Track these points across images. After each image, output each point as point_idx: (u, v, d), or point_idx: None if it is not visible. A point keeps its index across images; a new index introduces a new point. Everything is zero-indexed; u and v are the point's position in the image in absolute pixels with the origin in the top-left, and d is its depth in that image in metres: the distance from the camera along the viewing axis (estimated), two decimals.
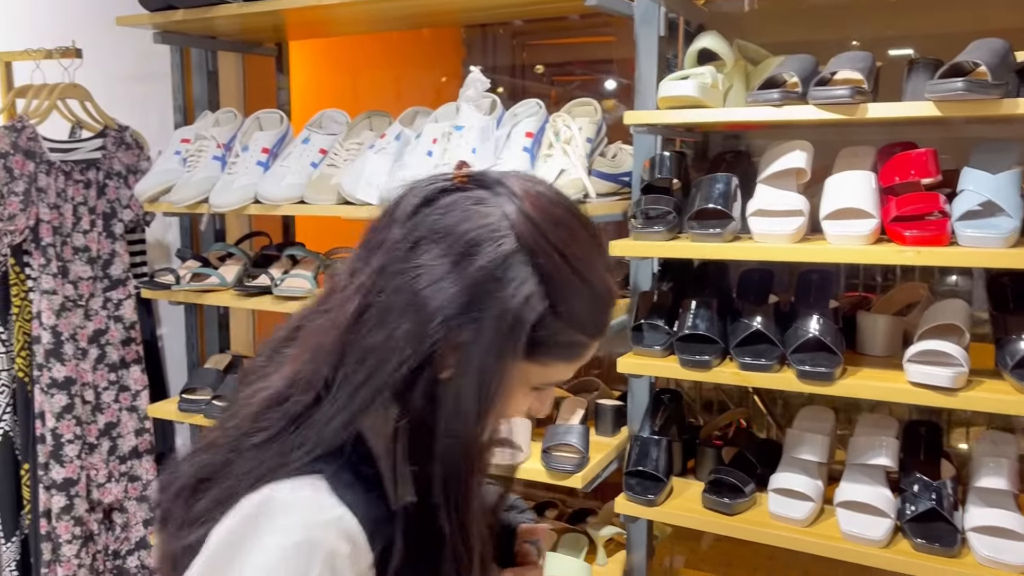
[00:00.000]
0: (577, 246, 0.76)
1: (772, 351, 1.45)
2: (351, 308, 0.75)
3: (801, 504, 1.48)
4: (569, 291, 0.75)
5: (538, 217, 0.74)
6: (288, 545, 0.71)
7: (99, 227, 2.12)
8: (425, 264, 0.73)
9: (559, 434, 1.67)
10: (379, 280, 0.74)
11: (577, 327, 0.76)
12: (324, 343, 0.76)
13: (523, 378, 0.78)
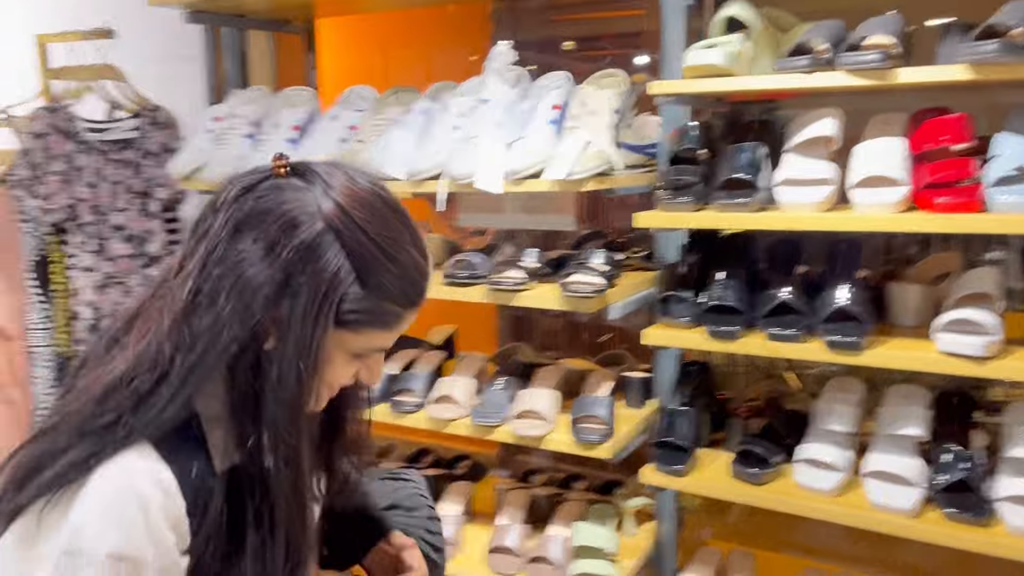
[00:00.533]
0: (382, 226, 0.83)
1: (799, 321, 1.44)
2: (183, 292, 0.81)
3: (828, 474, 1.48)
4: (375, 266, 0.82)
5: (346, 201, 0.82)
6: (108, 490, 0.78)
7: (136, 206, 2.16)
8: (245, 248, 0.80)
9: (586, 406, 1.68)
10: (207, 265, 0.81)
11: (386, 298, 0.83)
12: (162, 326, 0.81)
13: (341, 345, 0.85)
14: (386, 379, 1.86)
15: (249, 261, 0.80)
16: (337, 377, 0.89)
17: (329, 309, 0.81)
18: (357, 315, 0.82)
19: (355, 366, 0.89)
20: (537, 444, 1.67)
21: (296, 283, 0.80)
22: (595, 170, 1.51)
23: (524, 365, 1.91)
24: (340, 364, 0.87)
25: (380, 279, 0.82)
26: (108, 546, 0.77)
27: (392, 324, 0.86)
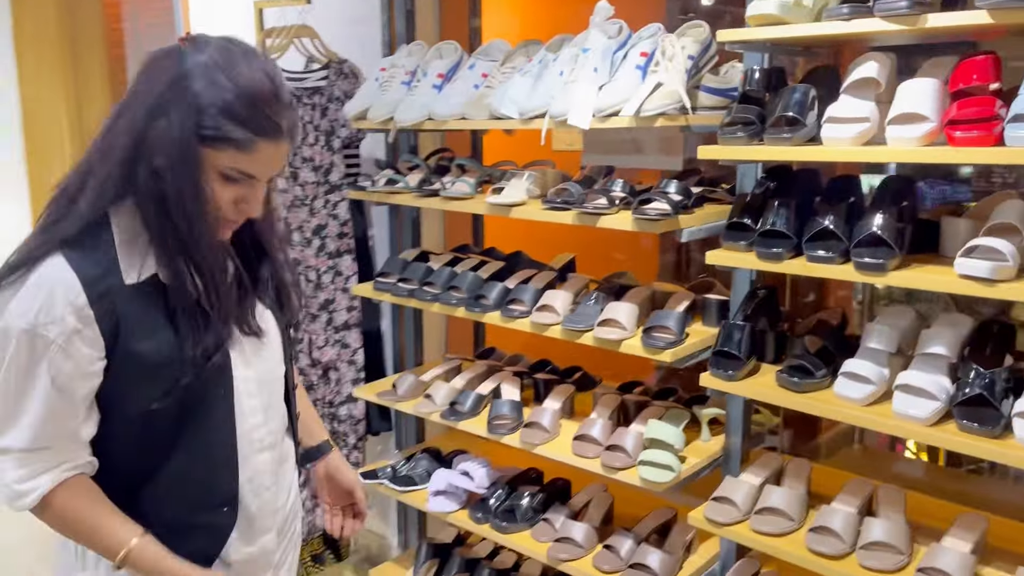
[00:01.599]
0: (229, 61, 1.09)
1: (838, 246, 1.61)
2: (105, 130, 1.14)
3: (862, 386, 1.64)
4: (237, 96, 1.08)
5: (209, 50, 1.10)
6: (29, 285, 1.09)
7: (322, 142, 2.65)
8: (140, 89, 1.12)
9: (659, 318, 1.93)
10: (121, 108, 1.13)
11: (231, 117, 1.08)
12: (89, 154, 1.15)
13: (211, 164, 1.10)
14: (501, 290, 2.21)
15: (139, 98, 1.11)
16: (220, 197, 1.13)
17: (196, 120, 1.07)
18: (211, 131, 1.07)
19: (232, 191, 1.13)
20: (615, 348, 1.95)
21: (167, 107, 1.08)
22: (663, 108, 1.74)
23: (620, 286, 2.18)
24: (216, 183, 1.11)
25: (223, 99, 1.08)
26: (22, 324, 1.08)
27: (245, 147, 1.09)
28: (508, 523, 2.24)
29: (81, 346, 1.10)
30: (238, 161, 1.11)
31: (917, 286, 1.52)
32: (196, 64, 1.09)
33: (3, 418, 1.12)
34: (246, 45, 1.15)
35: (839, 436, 3.18)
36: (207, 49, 1.11)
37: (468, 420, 2.31)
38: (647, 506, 2.27)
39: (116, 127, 1.12)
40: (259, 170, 1.14)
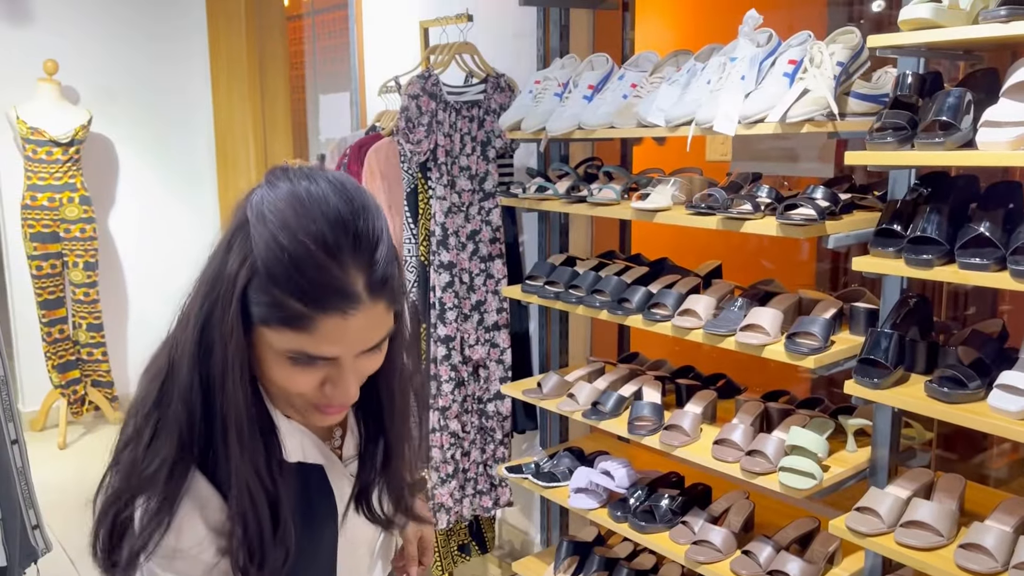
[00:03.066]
0: (286, 222, 0.84)
1: (993, 253, 1.56)
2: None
3: (1019, 399, 1.58)
4: (271, 258, 0.83)
5: (266, 205, 0.86)
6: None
7: (478, 152, 2.80)
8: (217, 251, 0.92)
9: (804, 323, 1.92)
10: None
11: (285, 292, 0.83)
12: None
13: (267, 344, 0.87)
14: (644, 293, 2.27)
15: (211, 262, 0.92)
16: (291, 381, 0.90)
17: (235, 294, 0.85)
18: (261, 308, 0.85)
19: (308, 374, 0.89)
20: (757, 352, 1.96)
21: (216, 284, 0.88)
22: (809, 114, 1.75)
23: (766, 292, 2.18)
24: (277, 365, 0.89)
25: (276, 271, 0.83)
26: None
27: (303, 325, 0.84)
28: (647, 523, 2.29)
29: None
30: (295, 341, 0.86)
31: None
32: (249, 221, 0.87)
33: None
34: (334, 177, 0.90)
35: (1011, 465, 2.99)
36: (276, 188, 0.88)
37: (609, 420, 2.37)
38: (789, 516, 2.25)
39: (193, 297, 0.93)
40: (332, 349, 0.87)
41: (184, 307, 0.93)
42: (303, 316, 0.84)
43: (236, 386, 0.88)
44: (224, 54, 4.96)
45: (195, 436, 0.90)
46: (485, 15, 2.91)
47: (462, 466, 2.90)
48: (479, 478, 2.95)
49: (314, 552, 1.02)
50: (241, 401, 0.88)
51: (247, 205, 0.89)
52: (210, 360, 0.88)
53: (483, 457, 2.95)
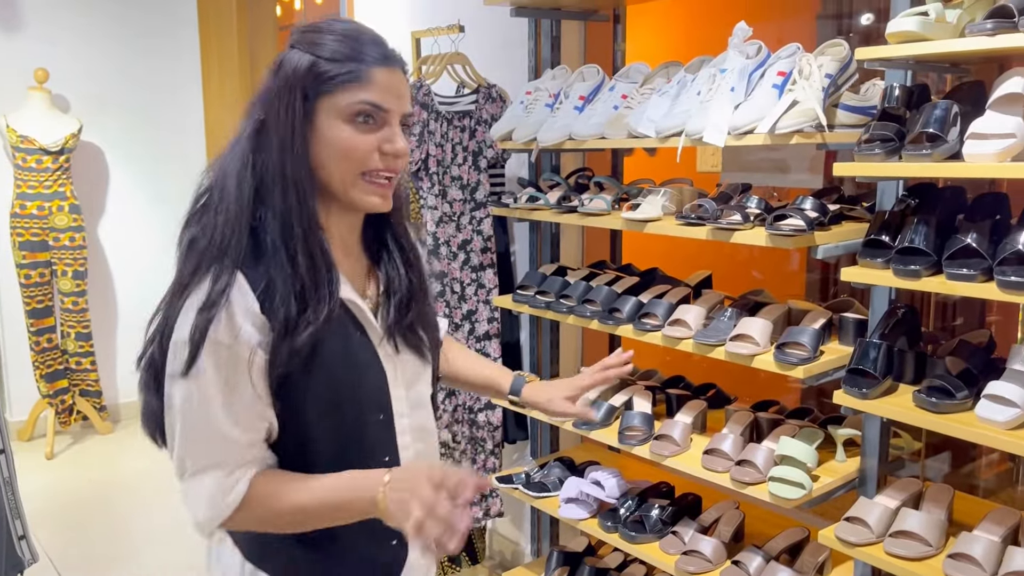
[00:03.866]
0: (322, 23, 1.15)
1: (980, 264, 1.57)
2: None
3: (1006, 409, 1.59)
4: (319, 42, 1.12)
5: (305, 28, 1.16)
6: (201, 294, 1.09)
7: (469, 162, 2.81)
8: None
9: (793, 334, 1.93)
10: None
11: (342, 58, 1.11)
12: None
13: (333, 110, 1.12)
14: (634, 303, 2.27)
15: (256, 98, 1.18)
16: (355, 145, 1.12)
17: (302, 84, 1.11)
18: (327, 77, 1.11)
19: (368, 135, 1.13)
20: (747, 362, 1.97)
21: (280, 86, 1.13)
22: (798, 126, 1.76)
23: (755, 303, 2.19)
24: (346, 131, 1.12)
25: (327, 47, 1.12)
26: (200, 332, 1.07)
27: (362, 77, 1.11)
28: (637, 533, 2.29)
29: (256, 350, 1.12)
30: (358, 93, 1.12)
31: None
32: (296, 41, 1.15)
33: None
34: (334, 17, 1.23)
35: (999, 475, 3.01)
36: (300, 30, 1.18)
37: (599, 430, 2.37)
38: (779, 526, 2.25)
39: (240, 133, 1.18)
40: (383, 98, 1.13)
41: (223, 152, 1.17)
42: (359, 70, 1.12)
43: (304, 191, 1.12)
44: (216, 61, 4.96)
45: (241, 245, 1.10)
46: (476, 26, 2.92)
47: None
48: None
49: (359, 381, 1.20)
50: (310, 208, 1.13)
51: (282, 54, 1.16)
52: (267, 170, 1.12)
53: (474, 467, 2.94)
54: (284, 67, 1.14)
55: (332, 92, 1.12)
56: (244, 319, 1.08)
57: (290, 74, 1.12)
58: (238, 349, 1.08)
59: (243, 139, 1.15)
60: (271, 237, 1.11)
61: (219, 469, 1.11)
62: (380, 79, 1.13)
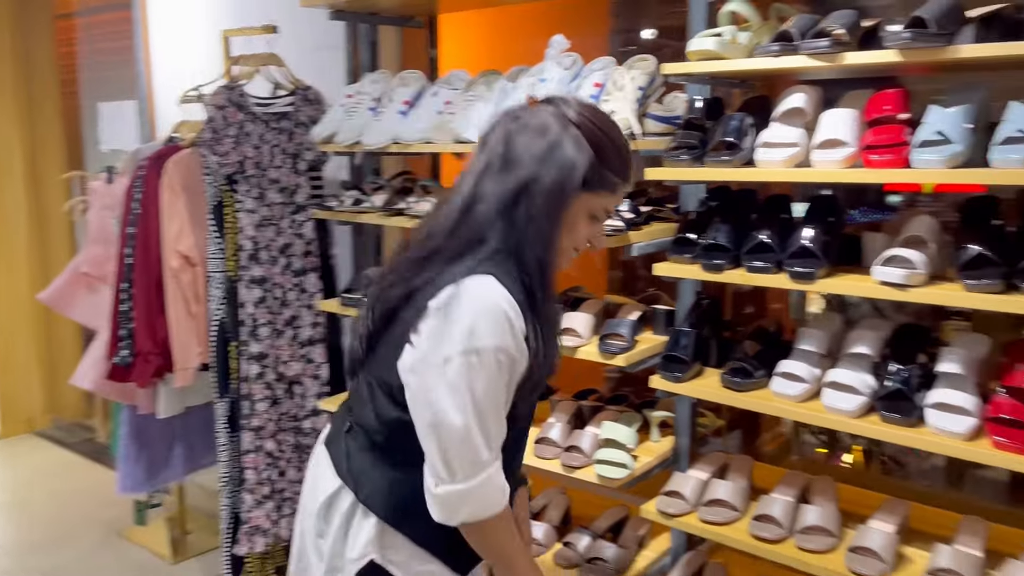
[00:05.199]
0: (608, 126, 1.34)
1: (772, 257, 1.79)
2: (474, 176, 1.34)
3: (796, 384, 1.82)
4: (605, 148, 1.30)
5: (585, 111, 1.31)
6: (483, 303, 1.25)
7: (288, 165, 2.76)
8: (519, 141, 1.30)
9: (612, 326, 2.09)
10: (491, 159, 1.32)
11: (610, 169, 1.31)
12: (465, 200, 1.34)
13: (584, 206, 1.31)
14: None
15: (521, 148, 1.28)
16: (580, 238, 1.35)
17: (577, 176, 1.27)
18: (594, 178, 1.29)
19: (590, 230, 1.35)
20: (572, 354, 2.10)
21: (553, 159, 1.27)
22: None
23: (575, 298, 2.34)
24: (582, 225, 1.33)
25: (607, 155, 1.30)
26: (495, 342, 1.25)
27: (615, 189, 1.33)
28: None
29: (523, 363, 1.32)
30: (608, 202, 1.35)
31: (841, 292, 1.71)
32: (576, 122, 1.29)
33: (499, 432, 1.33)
34: (595, 105, 1.42)
35: (781, 447, 3.40)
36: (579, 109, 1.31)
37: None
38: (602, 507, 2.41)
39: (491, 179, 1.30)
40: (614, 207, 1.40)
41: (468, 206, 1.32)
42: (617, 186, 1.34)
43: (557, 245, 1.32)
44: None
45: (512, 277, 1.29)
46: (290, 27, 2.87)
47: (278, 486, 2.83)
48: (296, 497, 2.89)
49: (535, 401, 1.48)
50: (555, 261, 1.34)
51: (559, 125, 1.29)
52: (525, 224, 1.28)
53: (299, 475, 2.89)
54: (565, 149, 1.28)
55: (594, 192, 1.32)
56: (519, 338, 1.29)
57: (573, 161, 1.27)
58: (518, 359, 1.30)
59: (506, 192, 1.29)
60: (527, 279, 1.30)
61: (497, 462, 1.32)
62: (621, 192, 1.36)
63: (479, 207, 1.31)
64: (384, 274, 1.43)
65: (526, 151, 1.28)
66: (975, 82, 1.64)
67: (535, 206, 1.27)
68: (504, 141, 1.31)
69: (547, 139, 1.28)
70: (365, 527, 1.41)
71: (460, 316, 1.25)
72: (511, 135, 1.31)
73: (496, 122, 1.36)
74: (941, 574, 1.64)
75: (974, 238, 1.57)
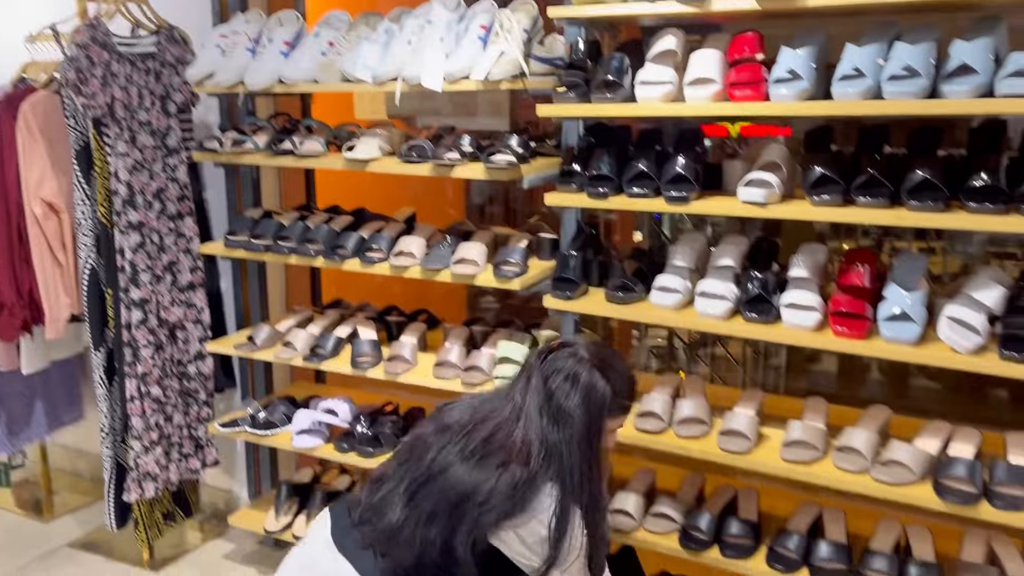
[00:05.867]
0: (616, 362, 1.66)
1: (651, 184, 2.02)
2: (527, 421, 1.60)
3: (671, 296, 2.07)
4: (618, 383, 1.64)
5: (601, 357, 1.63)
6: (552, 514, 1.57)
7: (157, 106, 2.70)
8: (560, 388, 1.59)
9: (505, 253, 2.26)
10: (540, 407, 1.59)
11: (624, 396, 1.66)
12: (521, 445, 1.59)
13: (608, 428, 1.65)
14: (357, 239, 2.44)
15: (561, 398, 1.58)
16: (610, 442, 1.69)
17: (604, 409, 1.60)
18: (614, 407, 1.63)
19: (611, 438, 1.69)
20: (470, 281, 2.26)
21: (589, 402, 1.58)
22: (508, 74, 2.06)
23: (466, 231, 2.49)
24: (609, 438, 1.67)
25: (621, 388, 1.64)
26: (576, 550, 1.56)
27: (628, 410, 1.70)
28: (374, 448, 2.50)
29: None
30: (621, 419, 1.70)
31: (711, 213, 1.97)
32: (598, 366, 1.61)
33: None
34: (602, 345, 1.73)
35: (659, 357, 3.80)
36: (593, 354, 1.63)
37: (331, 361, 2.52)
38: None
39: (544, 417, 1.58)
40: (625, 420, 1.75)
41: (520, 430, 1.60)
42: (628, 407, 1.70)
43: (601, 464, 1.65)
44: None
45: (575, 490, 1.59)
46: None
47: (166, 431, 2.82)
48: (184, 441, 2.90)
49: None
50: (602, 473, 1.67)
51: (586, 372, 1.60)
52: (581, 455, 1.58)
53: (187, 420, 2.90)
54: (594, 394, 1.59)
55: (614, 416, 1.66)
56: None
57: (601, 399, 1.60)
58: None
59: (547, 430, 1.57)
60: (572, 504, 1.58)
61: None
62: (630, 409, 1.72)
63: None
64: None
65: (567, 399, 1.59)
66: (816, 27, 1.91)
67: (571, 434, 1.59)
68: (542, 389, 1.61)
69: (580, 385, 1.60)
70: None
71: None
72: (547, 382, 1.61)
73: (532, 363, 1.66)
74: (794, 444, 1.97)
75: (818, 161, 1.86)
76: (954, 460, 1.81)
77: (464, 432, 1.61)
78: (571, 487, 1.56)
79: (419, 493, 1.58)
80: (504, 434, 1.59)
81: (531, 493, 1.54)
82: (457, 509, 1.53)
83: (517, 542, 1.56)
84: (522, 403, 1.60)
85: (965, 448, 1.88)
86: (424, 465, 1.60)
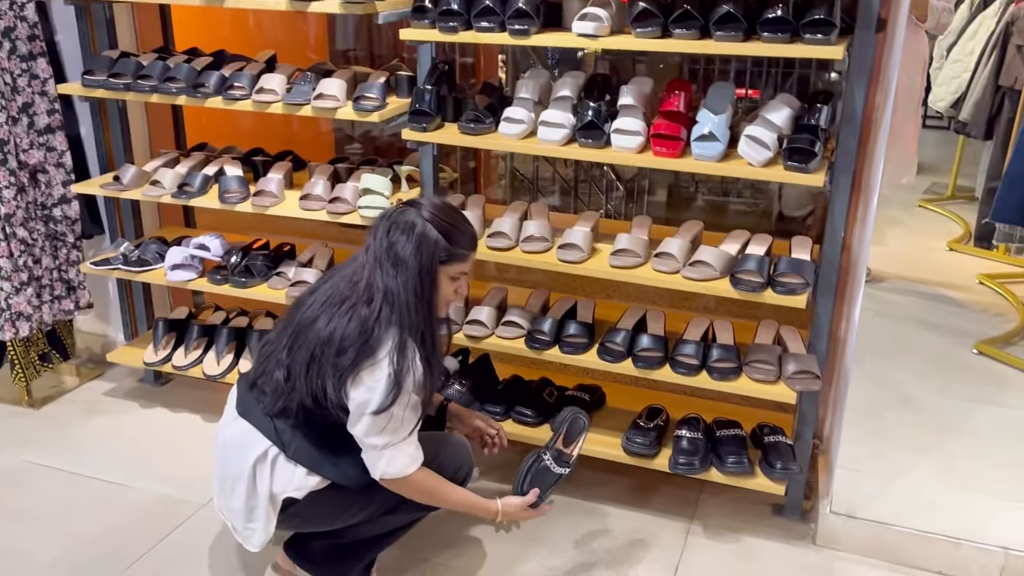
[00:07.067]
0: (456, 219, 1.85)
1: (496, 19, 2.18)
2: (370, 267, 1.78)
3: (517, 126, 2.29)
4: (454, 235, 1.79)
5: (435, 210, 1.80)
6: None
7: None
8: (395, 240, 1.76)
9: (364, 88, 2.41)
10: (379, 256, 1.77)
11: (459, 246, 1.81)
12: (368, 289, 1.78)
13: (445, 275, 1.81)
14: (218, 77, 2.51)
15: (399, 246, 1.75)
16: (448, 294, 1.85)
17: (437, 258, 1.76)
18: (448, 256, 1.78)
19: (454, 286, 1.85)
20: (331, 115, 2.40)
21: (422, 250, 1.75)
22: None
23: (327, 70, 2.60)
24: (448, 286, 1.83)
25: (455, 238, 1.79)
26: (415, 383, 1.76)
27: (465, 259, 1.84)
28: (247, 279, 2.66)
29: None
30: (461, 267, 1.85)
31: (549, 44, 2.17)
32: (432, 219, 1.78)
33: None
34: (442, 201, 1.90)
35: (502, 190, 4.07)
36: (431, 209, 1.80)
37: (199, 198, 2.63)
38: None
39: (383, 267, 1.76)
40: (468, 269, 1.89)
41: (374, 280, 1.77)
42: (466, 255, 1.85)
43: (435, 306, 1.83)
44: None
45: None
46: None
47: (35, 273, 2.88)
48: (55, 283, 2.96)
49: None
50: (437, 313, 1.85)
51: (420, 223, 1.77)
52: (415, 296, 1.76)
53: (56, 263, 2.96)
54: (426, 242, 1.76)
55: (449, 264, 1.81)
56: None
57: (432, 246, 1.76)
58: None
59: (386, 275, 1.76)
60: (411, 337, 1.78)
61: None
62: (471, 258, 1.89)
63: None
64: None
65: (403, 247, 1.75)
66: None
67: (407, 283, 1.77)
68: (385, 240, 1.78)
69: (414, 235, 1.77)
70: (291, 471, 1.85)
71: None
72: (388, 233, 1.78)
73: (378, 223, 1.82)
74: (620, 252, 2.28)
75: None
76: (748, 256, 2.16)
77: (328, 286, 1.85)
78: (407, 325, 1.75)
79: (294, 347, 1.82)
80: (354, 282, 1.80)
81: (377, 332, 1.74)
82: (324, 354, 1.75)
83: (369, 383, 1.75)
84: (368, 255, 1.79)
85: (758, 248, 2.24)
86: (295, 321, 1.84)
